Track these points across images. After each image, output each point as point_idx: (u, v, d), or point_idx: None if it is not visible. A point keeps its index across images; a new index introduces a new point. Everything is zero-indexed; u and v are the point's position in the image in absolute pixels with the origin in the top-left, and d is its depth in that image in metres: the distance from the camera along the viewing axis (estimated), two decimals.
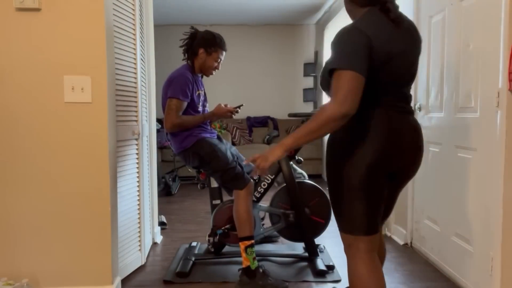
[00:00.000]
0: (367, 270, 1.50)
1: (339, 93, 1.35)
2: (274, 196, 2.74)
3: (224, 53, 2.54)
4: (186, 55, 2.54)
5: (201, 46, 2.47)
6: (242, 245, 2.35)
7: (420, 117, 2.79)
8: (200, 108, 2.53)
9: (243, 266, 2.33)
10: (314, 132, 1.41)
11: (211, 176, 2.60)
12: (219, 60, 2.51)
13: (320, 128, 1.39)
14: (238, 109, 2.56)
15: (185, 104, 2.41)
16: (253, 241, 2.37)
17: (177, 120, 2.37)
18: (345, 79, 1.35)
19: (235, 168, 2.42)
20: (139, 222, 2.62)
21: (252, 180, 2.48)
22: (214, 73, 2.56)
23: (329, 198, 1.61)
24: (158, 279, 2.46)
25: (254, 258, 2.33)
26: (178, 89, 2.37)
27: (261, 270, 2.32)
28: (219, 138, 2.59)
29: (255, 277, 2.29)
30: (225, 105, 2.55)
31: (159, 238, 3.19)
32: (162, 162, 5.61)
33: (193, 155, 2.44)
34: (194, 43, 2.50)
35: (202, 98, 2.56)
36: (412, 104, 1.62)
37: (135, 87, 2.54)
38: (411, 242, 2.97)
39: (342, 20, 4.98)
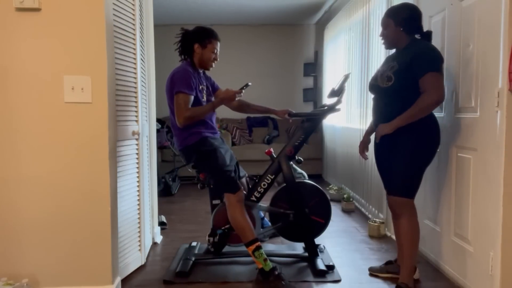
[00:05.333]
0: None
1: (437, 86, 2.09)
2: (274, 196, 2.74)
3: (218, 43, 2.53)
4: (183, 56, 2.55)
5: (195, 41, 2.48)
6: (249, 250, 2.38)
7: None
8: (205, 103, 2.52)
9: (258, 267, 2.36)
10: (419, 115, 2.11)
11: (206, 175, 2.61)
12: (215, 51, 2.51)
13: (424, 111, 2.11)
14: (244, 88, 2.50)
15: (192, 97, 2.39)
16: (258, 243, 2.37)
17: (187, 113, 2.36)
18: (437, 77, 2.09)
19: (231, 172, 2.45)
20: (139, 222, 2.62)
21: (243, 188, 2.51)
22: (214, 65, 2.55)
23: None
24: (158, 279, 2.46)
25: (265, 260, 2.34)
26: (183, 83, 2.37)
27: (276, 273, 2.31)
28: (221, 139, 2.61)
29: (268, 279, 2.30)
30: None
31: (159, 238, 3.19)
32: (162, 162, 5.61)
33: (194, 152, 2.46)
34: (187, 41, 2.51)
35: (205, 92, 2.55)
36: None
37: (135, 87, 2.54)
38: None
39: (342, 20, 4.97)
